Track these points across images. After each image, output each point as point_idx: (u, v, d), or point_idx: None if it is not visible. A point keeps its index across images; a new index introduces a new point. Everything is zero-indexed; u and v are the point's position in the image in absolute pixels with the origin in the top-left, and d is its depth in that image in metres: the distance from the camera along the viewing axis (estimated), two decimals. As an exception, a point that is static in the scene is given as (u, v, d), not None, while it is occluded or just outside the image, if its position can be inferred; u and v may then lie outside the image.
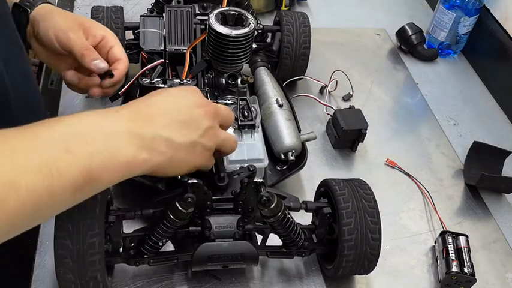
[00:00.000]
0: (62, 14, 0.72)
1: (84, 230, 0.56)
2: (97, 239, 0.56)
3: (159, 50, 0.83)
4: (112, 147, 0.51)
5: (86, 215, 0.57)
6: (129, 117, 0.54)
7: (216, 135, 0.60)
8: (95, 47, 0.71)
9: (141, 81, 0.77)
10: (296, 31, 0.90)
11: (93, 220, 0.57)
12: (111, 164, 0.50)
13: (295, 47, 0.90)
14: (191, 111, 0.57)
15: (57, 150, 0.47)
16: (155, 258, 0.63)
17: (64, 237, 0.56)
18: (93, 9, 0.88)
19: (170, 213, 0.59)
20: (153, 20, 0.86)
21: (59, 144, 0.48)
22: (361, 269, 0.65)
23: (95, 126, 0.51)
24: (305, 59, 0.92)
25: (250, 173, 0.64)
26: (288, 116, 0.82)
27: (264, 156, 0.74)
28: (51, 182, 0.46)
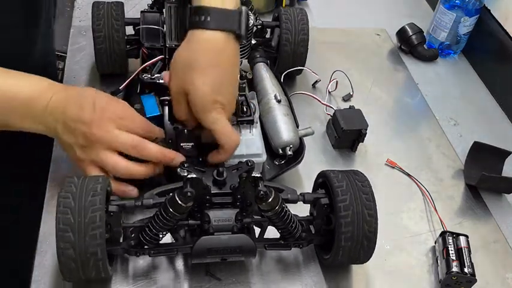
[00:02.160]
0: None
1: (86, 221, 0.58)
2: (99, 230, 0.57)
3: (159, 46, 0.83)
4: (28, 116, 0.68)
5: (87, 206, 0.58)
6: (48, 103, 0.67)
7: (86, 153, 0.68)
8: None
9: (141, 77, 0.78)
10: (295, 26, 0.91)
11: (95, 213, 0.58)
12: (23, 123, 0.68)
13: (294, 43, 0.91)
14: (76, 123, 0.67)
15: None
16: (155, 249, 0.64)
17: (66, 229, 0.57)
18: (94, 5, 0.88)
19: (169, 207, 0.60)
20: (153, 16, 0.86)
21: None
22: (357, 259, 0.67)
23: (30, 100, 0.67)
24: (304, 53, 0.92)
25: (249, 167, 0.67)
26: (286, 111, 0.82)
27: (262, 151, 0.75)
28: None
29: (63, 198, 0.59)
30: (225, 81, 0.70)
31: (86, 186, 0.60)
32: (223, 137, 0.69)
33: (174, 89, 0.70)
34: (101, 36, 0.86)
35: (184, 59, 0.69)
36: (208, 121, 0.69)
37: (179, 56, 0.70)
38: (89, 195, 0.59)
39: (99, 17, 0.86)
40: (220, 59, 0.69)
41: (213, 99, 0.68)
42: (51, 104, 0.68)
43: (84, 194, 0.59)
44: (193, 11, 0.69)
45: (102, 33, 0.86)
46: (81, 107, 0.68)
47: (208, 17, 0.68)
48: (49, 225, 0.71)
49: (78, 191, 0.59)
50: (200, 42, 0.69)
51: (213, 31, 0.68)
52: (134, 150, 0.69)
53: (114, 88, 0.82)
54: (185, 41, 0.70)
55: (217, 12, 0.68)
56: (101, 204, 0.58)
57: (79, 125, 0.67)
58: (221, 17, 0.69)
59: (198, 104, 0.68)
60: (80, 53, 0.99)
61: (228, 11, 0.70)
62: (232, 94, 0.71)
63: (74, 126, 0.67)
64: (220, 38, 0.69)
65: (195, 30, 0.69)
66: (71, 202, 0.58)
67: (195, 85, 0.67)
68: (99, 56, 0.88)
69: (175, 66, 0.70)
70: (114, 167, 0.69)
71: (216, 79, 0.68)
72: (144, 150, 0.69)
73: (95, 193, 0.59)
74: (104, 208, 0.59)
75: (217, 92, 0.68)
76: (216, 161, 0.71)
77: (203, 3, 0.69)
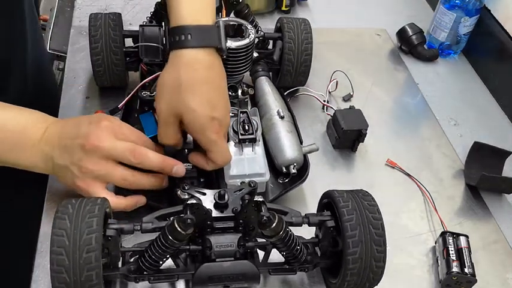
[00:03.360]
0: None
1: (81, 244, 0.55)
2: (94, 253, 0.55)
3: (159, 61, 0.82)
4: (23, 149, 0.67)
5: (83, 228, 0.56)
6: (44, 133, 0.67)
7: (87, 168, 0.66)
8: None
9: (140, 95, 0.77)
10: (298, 38, 0.89)
11: (91, 235, 0.56)
12: (18, 158, 0.68)
13: (297, 55, 0.89)
14: (73, 139, 0.66)
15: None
16: (155, 275, 0.62)
17: (60, 252, 0.55)
18: (91, 17, 0.86)
19: (169, 234, 0.58)
20: (152, 30, 0.85)
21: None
22: (366, 282, 0.64)
23: (23, 131, 0.67)
24: (307, 66, 0.91)
25: (251, 189, 0.64)
26: (289, 128, 0.80)
27: (265, 170, 0.73)
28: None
29: (59, 219, 0.57)
30: (217, 97, 0.68)
31: (83, 208, 0.58)
32: (218, 156, 0.68)
33: (164, 112, 0.68)
34: (98, 47, 0.84)
35: (172, 82, 0.67)
36: (207, 141, 0.67)
37: (165, 79, 0.68)
38: (85, 217, 0.57)
39: (95, 28, 0.84)
40: (209, 75, 0.68)
41: (210, 117, 0.66)
42: (47, 134, 0.67)
43: (80, 216, 0.57)
44: (172, 32, 0.68)
45: (98, 43, 0.84)
46: (77, 125, 0.67)
47: (188, 36, 0.67)
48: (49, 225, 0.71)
49: (75, 212, 0.57)
50: (186, 62, 0.67)
51: (196, 49, 0.68)
52: (134, 158, 0.67)
53: (114, 96, 0.82)
54: (169, 63, 0.69)
55: (196, 30, 0.68)
56: (97, 226, 0.56)
57: (76, 140, 0.66)
58: (201, 34, 0.68)
59: (196, 125, 0.67)
60: (80, 53, 0.98)
61: (207, 26, 0.69)
62: (226, 108, 0.70)
63: (70, 143, 0.66)
64: (205, 55, 0.68)
65: (178, 51, 0.68)
66: (66, 223, 0.56)
67: (191, 106, 0.66)
68: (96, 67, 0.85)
69: (161, 90, 0.68)
70: (122, 177, 0.67)
71: (209, 96, 0.67)
72: (145, 157, 0.67)
73: (92, 215, 0.57)
74: (100, 230, 0.56)
75: (213, 108, 0.67)
76: (200, 166, 0.70)
77: (181, 22, 0.68)
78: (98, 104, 0.89)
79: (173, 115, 0.67)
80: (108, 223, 0.61)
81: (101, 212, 0.58)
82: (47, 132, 0.68)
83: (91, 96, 0.90)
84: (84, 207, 0.58)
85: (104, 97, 0.90)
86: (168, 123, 0.69)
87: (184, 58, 0.68)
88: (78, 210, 0.57)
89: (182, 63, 0.68)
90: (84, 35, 1.02)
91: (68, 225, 0.56)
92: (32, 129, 0.68)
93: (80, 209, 0.58)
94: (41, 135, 0.67)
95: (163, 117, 0.69)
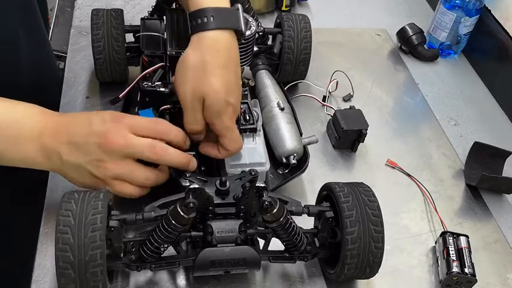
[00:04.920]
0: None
1: (85, 241, 0.56)
2: (99, 250, 0.56)
3: (160, 54, 0.82)
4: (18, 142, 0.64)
5: (87, 225, 0.56)
6: (45, 127, 0.65)
7: (106, 169, 0.64)
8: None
9: (141, 85, 0.76)
10: (297, 33, 0.90)
11: (95, 232, 0.56)
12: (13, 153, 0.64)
13: (296, 50, 0.90)
14: (87, 137, 0.64)
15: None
16: (157, 263, 0.63)
17: (65, 249, 0.55)
18: (93, 13, 0.87)
19: (171, 219, 0.59)
20: (154, 23, 0.85)
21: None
22: (362, 275, 0.65)
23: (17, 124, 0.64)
24: (306, 61, 0.92)
25: (252, 177, 0.65)
26: (289, 119, 0.81)
27: (265, 160, 0.74)
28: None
29: (63, 216, 0.57)
30: (234, 82, 0.68)
31: (86, 203, 0.58)
32: (231, 143, 0.68)
33: (189, 96, 0.66)
34: (100, 46, 0.84)
35: (196, 63, 0.66)
36: (222, 127, 0.67)
37: (188, 60, 0.67)
38: (89, 214, 0.57)
39: (98, 26, 0.85)
40: (228, 59, 0.68)
41: (227, 101, 0.66)
42: (49, 128, 0.65)
43: (84, 212, 0.57)
44: (193, 15, 0.68)
45: (101, 42, 0.84)
46: (89, 122, 0.65)
47: (211, 18, 0.67)
48: (49, 225, 0.71)
49: (79, 209, 0.57)
50: (209, 43, 0.67)
51: (217, 31, 0.67)
52: (155, 155, 0.65)
53: (114, 95, 0.82)
54: (191, 46, 0.68)
55: (217, 12, 0.68)
56: (101, 223, 0.56)
57: (91, 138, 0.64)
58: (222, 16, 0.68)
59: (216, 108, 0.66)
60: (80, 53, 0.99)
61: (227, 9, 0.69)
62: (239, 95, 0.70)
63: (84, 141, 0.64)
64: (226, 37, 0.68)
65: (200, 33, 0.67)
66: (70, 220, 0.56)
67: (214, 87, 0.65)
68: (98, 63, 0.86)
69: (184, 72, 0.67)
70: (146, 177, 0.67)
71: (227, 80, 0.67)
72: (165, 153, 0.66)
73: (96, 211, 0.57)
74: (104, 227, 0.57)
75: (229, 93, 0.66)
76: (212, 156, 0.70)
77: (201, 6, 0.68)
78: (98, 104, 0.89)
79: (197, 98, 0.66)
80: (111, 214, 0.61)
81: (104, 208, 0.58)
82: (48, 125, 0.65)
83: (91, 96, 0.91)
84: (87, 203, 0.58)
85: (104, 97, 0.90)
86: (194, 108, 0.67)
87: (207, 40, 0.67)
88: (82, 206, 0.58)
89: (205, 45, 0.67)
90: (84, 35, 1.02)
91: (72, 222, 0.56)
92: (28, 122, 0.65)
93: (83, 204, 0.58)
94: (40, 128, 0.64)
95: (189, 101, 0.67)
